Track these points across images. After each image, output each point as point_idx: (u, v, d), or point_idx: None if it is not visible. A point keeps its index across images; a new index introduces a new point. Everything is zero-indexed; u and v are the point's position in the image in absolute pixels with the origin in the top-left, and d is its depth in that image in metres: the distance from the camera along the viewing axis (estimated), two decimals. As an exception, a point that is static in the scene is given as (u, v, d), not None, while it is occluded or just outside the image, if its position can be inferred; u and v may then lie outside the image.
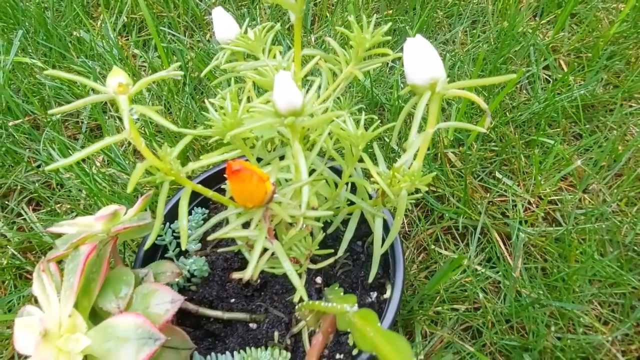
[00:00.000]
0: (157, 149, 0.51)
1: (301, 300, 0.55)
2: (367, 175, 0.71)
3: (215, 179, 0.83)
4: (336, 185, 0.66)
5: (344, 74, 0.60)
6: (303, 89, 0.45)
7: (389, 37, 0.59)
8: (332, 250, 0.61)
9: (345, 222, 0.70)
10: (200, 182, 0.82)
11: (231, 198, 0.64)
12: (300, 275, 0.58)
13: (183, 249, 0.48)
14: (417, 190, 0.52)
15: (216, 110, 0.57)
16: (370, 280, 0.64)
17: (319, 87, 0.58)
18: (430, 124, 0.48)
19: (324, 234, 0.61)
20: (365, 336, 0.39)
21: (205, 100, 0.58)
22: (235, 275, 0.62)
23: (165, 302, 0.57)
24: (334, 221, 0.70)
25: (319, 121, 0.45)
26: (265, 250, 0.56)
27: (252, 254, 0.45)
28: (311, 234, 0.61)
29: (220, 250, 0.66)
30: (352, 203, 0.69)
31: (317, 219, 0.66)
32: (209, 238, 0.47)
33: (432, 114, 0.48)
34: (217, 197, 0.60)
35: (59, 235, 0.63)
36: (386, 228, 0.68)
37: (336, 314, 0.45)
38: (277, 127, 0.46)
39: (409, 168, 0.52)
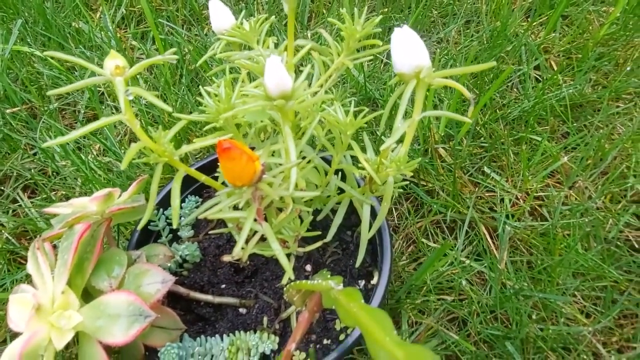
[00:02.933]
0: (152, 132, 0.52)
1: (290, 281, 0.56)
2: (356, 163, 0.72)
3: (208, 169, 0.85)
4: (326, 173, 0.68)
5: (336, 64, 0.62)
6: (294, 74, 0.47)
7: (379, 30, 0.61)
8: (320, 232, 0.62)
9: (335, 212, 0.72)
10: (195, 170, 0.84)
11: (223, 183, 0.65)
12: (289, 257, 0.60)
13: (174, 226, 0.49)
14: (404, 177, 0.54)
15: (211, 98, 0.59)
16: (358, 264, 0.66)
17: (310, 74, 0.59)
18: (416, 111, 0.50)
19: (312, 217, 0.62)
20: (349, 312, 0.41)
21: (201, 88, 0.60)
22: (226, 257, 0.64)
23: (156, 282, 0.59)
24: (324, 209, 0.72)
25: (308, 104, 0.47)
26: (255, 233, 0.57)
27: (240, 234, 0.46)
28: (300, 218, 0.63)
29: (211, 232, 0.68)
30: (341, 192, 0.71)
31: (308, 204, 0.68)
32: (200, 216, 0.49)
33: (418, 102, 0.50)
34: (210, 181, 0.62)
35: (53, 218, 0.64)
36: (375, 217, 0.70)
37: (322, 292, 0.47)
38: (267, 110, 0.48)
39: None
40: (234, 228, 0.60)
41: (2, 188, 0.99)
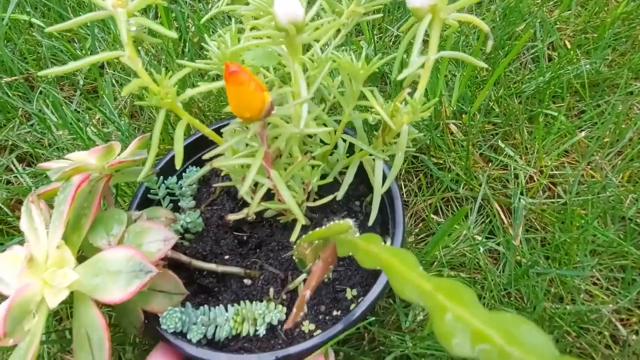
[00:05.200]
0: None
1: (298, 238, 0.53)
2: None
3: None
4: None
5: (346, 14, 0.58)
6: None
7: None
8: (329, 173, 0.59)
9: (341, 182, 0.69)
10: (196, 140, 0.81)
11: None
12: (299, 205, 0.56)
13: (177, 167, 0.46)
14: (418, 125, 0.51)
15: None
16: (371, 223, 0.62)
17: (320, 10, 0.56)
18: (432, 50, 0.46)
19: (322, 165, 0.58)
20: (369, 252, 0.37)
21: (205, 37, 0.56)
22: (231, 216, 0.60)
23: (158, 240, 0.55)
24: (331, 172, 0.68)
25: (320, 34, 0.43)
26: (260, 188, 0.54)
27: (247, 174, 0.43)
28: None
29: (216, 185, 0.64)
30: (349, 155, 0.67)
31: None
32: (206, 157, 0.46)
33: (434, 40, 0.47)
34: (212, 135, 0.58)
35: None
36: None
37: (337, 241, 0.43)
38: (276, 46, 0.44)
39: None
40: (239, 181, 0.56)
41: (-4, 158, 0.96)
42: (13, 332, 0.45)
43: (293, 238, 0.52)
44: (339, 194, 0.63)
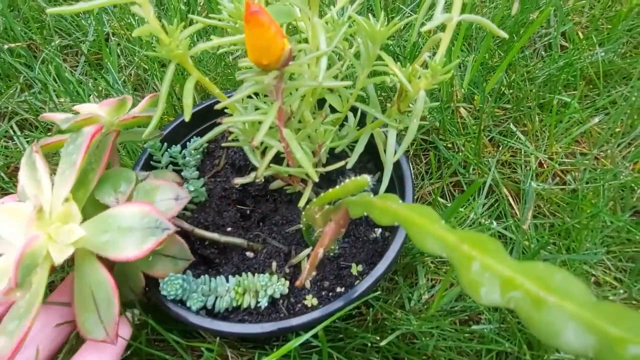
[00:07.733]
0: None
1: (307, 203, 0.51)
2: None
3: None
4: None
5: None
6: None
7: None
8: (344, 141, 0.57)
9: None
10: (202, 110, 0.79)
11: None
12: (306, 183, 0.55)
13: (186, 120, 0.44)
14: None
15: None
16: (383, 190, 0.60)
17: None
18: (455, 9, 0.45)
19: (335, 128, 0.57)
20: (387, 209, 0.36)
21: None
22: (238, 180, 0.59)
23: (169, 198, 0.53)
24: (341, 144, 0.66)
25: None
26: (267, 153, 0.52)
27: (260, 128, 0.41)
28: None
29: (224, 144, 0.62)
30: (360, 128, 0.66)
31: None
32: (217, 107, 0.44)
33: (457, 1, 0.45)
34: (221, 96, 0.56)
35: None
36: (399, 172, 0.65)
37: (349, 205, 0.42)
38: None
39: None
40: (247, 143, 0.54)
41: (-4, 124, 0.94)
42: (23, 283, 0.43)
43: (302, 203, 0.50)
44: (350, 163, 0.61)
